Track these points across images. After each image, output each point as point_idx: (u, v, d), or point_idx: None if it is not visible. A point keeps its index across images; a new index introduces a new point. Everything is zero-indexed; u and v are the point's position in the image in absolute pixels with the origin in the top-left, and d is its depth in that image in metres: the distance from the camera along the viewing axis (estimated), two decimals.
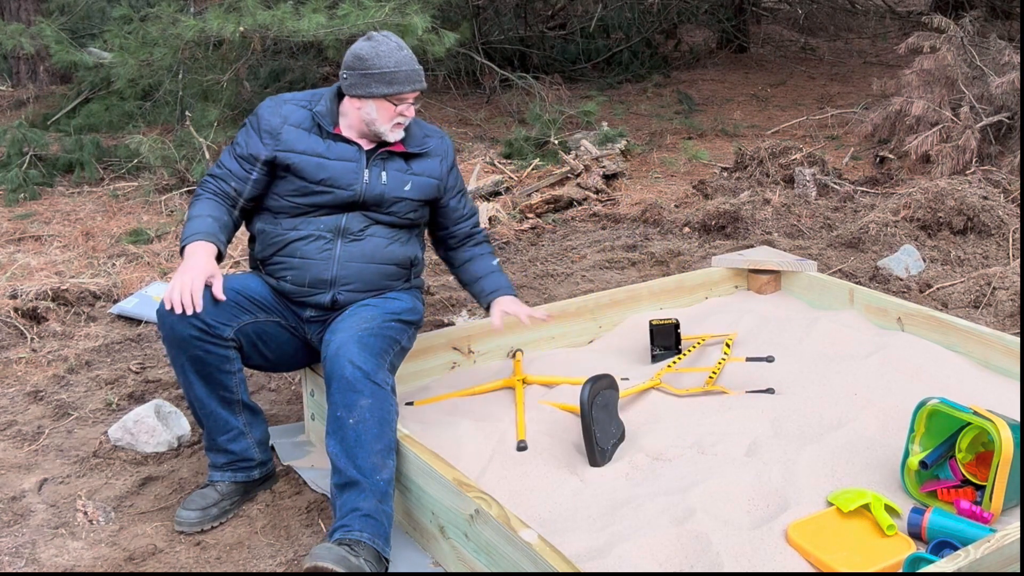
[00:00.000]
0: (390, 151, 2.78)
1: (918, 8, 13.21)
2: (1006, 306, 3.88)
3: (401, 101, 2.73)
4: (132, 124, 7.37)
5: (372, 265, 2.72)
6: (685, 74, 10.49)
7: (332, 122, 2.76)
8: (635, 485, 2.54)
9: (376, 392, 2.44)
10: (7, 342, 3.81)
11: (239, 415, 2.66)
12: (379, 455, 2.40)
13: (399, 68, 2.69)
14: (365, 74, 2.68)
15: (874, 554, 2.20)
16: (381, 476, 2.39)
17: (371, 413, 2.41)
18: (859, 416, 2.75)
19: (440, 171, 2.88)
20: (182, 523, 2.58)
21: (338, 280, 2.69)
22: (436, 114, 8.32)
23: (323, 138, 2.74)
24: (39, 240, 5.19)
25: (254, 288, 2.70)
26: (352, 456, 2.38)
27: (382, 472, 2.39)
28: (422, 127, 2.90)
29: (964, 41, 6.45)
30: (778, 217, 5.16)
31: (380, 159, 2.76)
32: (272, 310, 2.71)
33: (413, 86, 2.72)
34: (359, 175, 2.72)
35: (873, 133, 6.65)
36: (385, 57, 2.69)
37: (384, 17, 5.85)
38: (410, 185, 2.79)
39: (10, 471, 2.90)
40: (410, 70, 2.71)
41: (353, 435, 2.39)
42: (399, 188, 2.77)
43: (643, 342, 3.44)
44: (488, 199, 5.76)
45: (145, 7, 7.48)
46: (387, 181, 2.75)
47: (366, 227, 2.74)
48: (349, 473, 2.37)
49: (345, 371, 2.44)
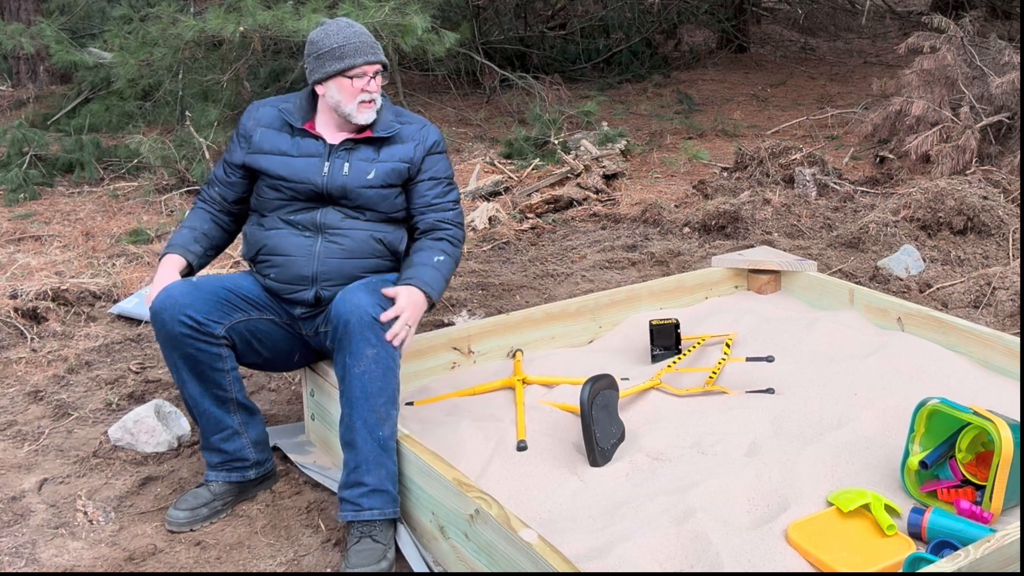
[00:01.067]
0: (355, 140, 2.77)
1: (918, 8, 13.21)
2: (1006, 306, 3.88)
3: (358, 76, 2.70)
4: (132, 124, 7.37)
5: (352, 260, 2.72)
6: (685, 74, 10.49)
7: (301, 118, 2.79)
8: (635, 485, 2.54)
9: (382, 338, 2.47)
10: (7, 342, 3.81)
11: (233, 414, 2.66)
12: (383, 407, 2.46)
13: (348, 42, 2.70)
14: (318, 56, 2.71)
15: (874, 554, 2.20)
16: (383, 431, 2.45)
17: (376, 363, 2.46)
18: (859, 416, 2.75)
19: (412, 155, 2.80)
20: (171, 522, 2.59)
21: (319, 276, 2.70)
22: (436, 114, 8.32)
23: (292, 136, 2.78)
24: (39, 240, 5.19)
25: (246, 287, 2.72)
26: (358, 409, 2.44)
27: (384, 426, 2.46)
28: (401, 115, 2.87)
29: (964, 41, 6.45)
30: (778, 217, 5.16)
31: (344, 150, 2.76)
32: (265, 308, 2.72)
33: (365, 57, 2.70)
34: (320, 168, 2.73)
35: (873, 133, 6.65)
36: (334, 35, 2.71)
37: (384, 17, 5.86)
38: (373, 172, 2.75)
39: (10, 471, 2.90)
40: (359, 43, 2.70)
41: (359, 386, 2.44)
42: (361, 177, 2.74)
43: (643, 342, 3.44)
44: (488, 199, 5.76)
45: (145, 7, 7.48)
46: (348, 172, 2.73)
47: (344, 222, 2.74)
48: (354, 428, 2.44)
49: (352, 316, 2.46)
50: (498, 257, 4.87)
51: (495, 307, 4.12)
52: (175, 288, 2.59)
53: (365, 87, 2.71)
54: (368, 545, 2.38)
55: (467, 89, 9.15)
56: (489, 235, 5.17)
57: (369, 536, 2.40)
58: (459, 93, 9.08)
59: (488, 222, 5.32)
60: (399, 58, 7.72)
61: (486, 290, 4.33)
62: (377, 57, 2.73)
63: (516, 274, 4.58)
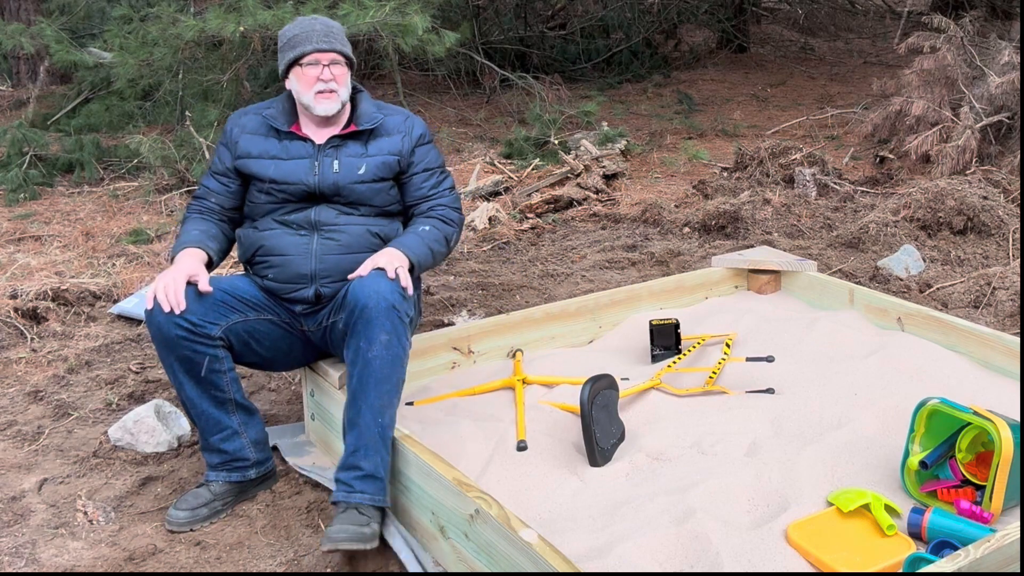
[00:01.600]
0: (342, 136, 2.78)
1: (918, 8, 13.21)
2: (1006, 306, 3.88)
3: (311, 64, 2.69)
4: (132, 124, 7.37)
5: (350, 256, 2.73)
6: (685, 74, 10.49)
7: (287, 122, 2.80)
8: (635, 485, 2.54)
9: (396, 327, 2.49)
10: (7, 342, 3.81)
11: (233, 415, 2.66)
12: (388, 394, 2.48)
13: (302, 31, 2.71)
14: (280, 50, 2.75)
15: (874, 554, 2.20)
16: (384, 418, 2.47)
17: (387, 350, 2.47)
18: (859, 416, 2.75)
19: (401, 147, 2.82)
20: (171, 522, 2.59)
21: (318, 274, 2.71)
22: (436, 114, 8.32)
23: (279, 140, 2.79)
24: (39, 240, 5.19)
25: (243, 288, 2.72)
26: (366, 393, 2.46)
27: (385, 414, 2.48)
28: (382, 107, 2.87)
29: (964, 41, 6.45)
30: (778, 217, 5.16)
31: (332, 147, 2.77)
32: (263, 308, 2.73)
33: (316, 45, 2.68)
34: (311, 168, 2.74)
35: (873, 133, 6.65)
36: (293, 28, 2.74)
37: (384, 17, 5.85)
38: (364, 168, 2.76)
39: (10, 471, 2.90)
40: (311, 31, 2.69)
41: (370, 370, 2.46)
42: (352, 173, 2.75)
43: (643, 342, 3.44)
44: (488, 199, 5.76)
45: (145, 7, 7.48)
46: (339, 169, 2.75)
47: (340, 218, 2.75)
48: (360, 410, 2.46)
49: (370, 301, 2.47)
50: (498, 257, 4.87)
51: (495, 307, 4.12)
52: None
53: (320, 76, 2.70)
54: (354, 516, 2.40)
55: (467, 89, 9.15)
56: (489, 235, 5.17)
57: (356, 509, 2.42)
58: (459, 93, 9.08)
59: (488, 222, 5.32)
60: (399, 58, 7.72)
61: (486, 290, 4.34)
62: (330, 45, 2.71)
63: (516, 274, 4.58)
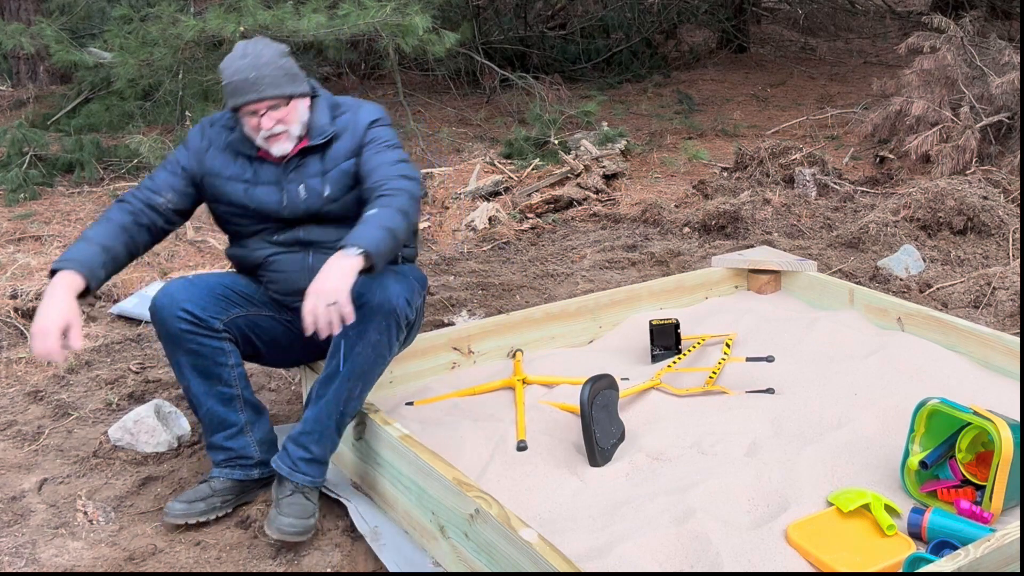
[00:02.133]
0: (300, 155, 2.66)
1: (918, 8, 13.21)
2: (1006, 306, 3.88)
3: (249, 115, 2.55)
4: (132, 124, 7.36)
5: None
6: (685, 74, 10.48)
7: (253, 146, 2.66)
8: (635, 485, 2.54)
9: (391, 329, 2.50)
10: (7, 342, 3.81)
11: (239, 412, 2.65)
12: (359, 388, 2.52)
13: (232, 79, 2.52)
14: (223, 88, 2.57)
15: (874, 554, 2.20)
16: (346, 407, 2.52)
17: (374, 349, 2.49)
18: (859, 416, 2.75)
19: (352, 146, 2.65)
20: (168, 513, 2.59)
21: None
22: (436, 114, 8.32)
23: (250, 163, 2.68)
24: (39, 240, 5.18)
25: (243, 284, 2.72)
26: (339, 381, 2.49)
27: (349, 405, 2.52)
28: (336, 108, 2.70)
29: (964, 41, 6.45)
30: (778, 217, 5.16)
31: (295, 171, 2.65)
32: (263, 304, 2.73)
33: (245, 97, 2.50)
34: (279, 197, 2.66)
35: (873, 133, 6.65)
36: (227, 68, 2.55)
37: (384, 17, 5.85)
38: (328, 187, 2.64)
39: (10, 471, 2.90)
40: (242, 80, 2.51)
41: (350, 362, 2.48)
42: (319, 197, 2.64)
43: (643, 342, 3.44)
44: (488, 199, 5.76)
45: (145, 7, 7.47)
46: (306, 195, 2.65)
47: (328, 233, 2.68)
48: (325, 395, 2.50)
49: (374, 299, 2.48)
50: (498, 257, 4.87)
51: (495, 307, 4.12)
52: (172, 285, 2.58)
53: (260, 125, 2.56)
54: (300, 500, 2.49)
55: (467, 89, 9.15)
56: (489, 235, 5.17)
57: (301, 493, 2.51)
58: (459, 93, 9.08)
59: (488, 222, 5.32)
60: (399, 58, 7.71)
61: (486, 290, 4.34)
62: (259, 95, 2.51)
63: (516, 274, 4.58)
